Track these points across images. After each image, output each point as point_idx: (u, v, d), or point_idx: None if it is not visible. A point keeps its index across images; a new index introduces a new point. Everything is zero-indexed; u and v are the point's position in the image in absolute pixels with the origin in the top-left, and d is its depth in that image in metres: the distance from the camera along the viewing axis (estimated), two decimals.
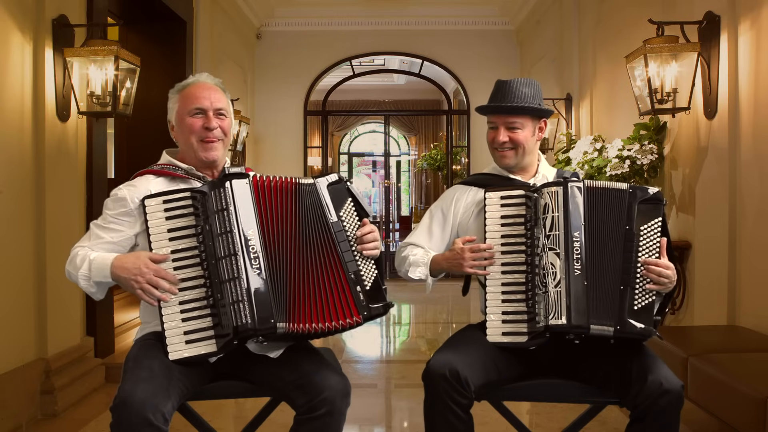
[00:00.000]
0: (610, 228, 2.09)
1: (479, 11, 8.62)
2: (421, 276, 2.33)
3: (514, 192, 2.19)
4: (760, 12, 3.36)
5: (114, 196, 2.11)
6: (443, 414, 2.02)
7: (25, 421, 3.45)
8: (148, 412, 1.75)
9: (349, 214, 2.06)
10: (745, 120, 3.48)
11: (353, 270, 2.01)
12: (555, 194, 2.09)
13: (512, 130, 2.30)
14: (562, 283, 2.04)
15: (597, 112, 5.85)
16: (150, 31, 5.75)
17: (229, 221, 1.94)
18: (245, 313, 1.90)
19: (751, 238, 3.45)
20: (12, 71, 3.43)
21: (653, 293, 2.06)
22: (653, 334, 2.03)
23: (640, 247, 2.07)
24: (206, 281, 1.95)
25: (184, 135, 2.15)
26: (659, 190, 2.12)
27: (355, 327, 2.01)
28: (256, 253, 1.95)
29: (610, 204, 2.10)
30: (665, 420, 1.97)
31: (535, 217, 2.13)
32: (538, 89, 2.34)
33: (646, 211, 2.09)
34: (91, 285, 2.01)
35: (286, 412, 2.02)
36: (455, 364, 2.02)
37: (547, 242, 2.08)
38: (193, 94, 2.15)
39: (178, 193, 2.00)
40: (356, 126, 15.61)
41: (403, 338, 6.24)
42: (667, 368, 2.03)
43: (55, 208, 3.73)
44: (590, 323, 2.02)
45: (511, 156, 2.33)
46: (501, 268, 2.17)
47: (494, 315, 2.15)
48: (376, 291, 2.03)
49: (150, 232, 1.97)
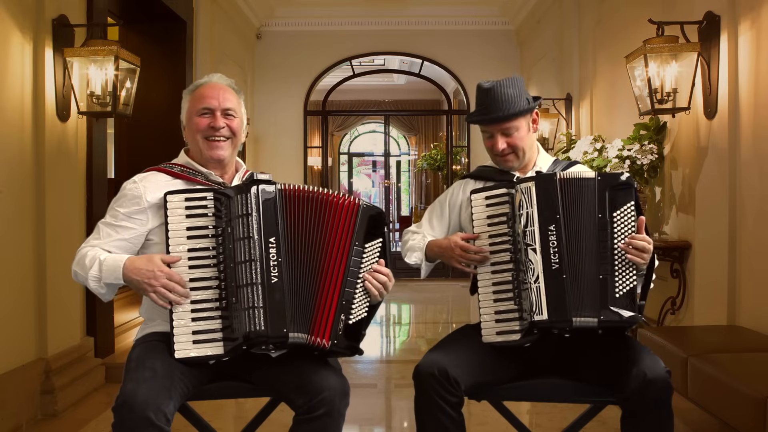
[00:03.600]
0: (584, 218, 2.07)
1: (479, 11, 8.62)
2: (416, 261, 2.36)
3: (496, 191, 2.19)
4: (760, 12, 3.36)
5: (129, 194, 2.07)
6: (433, 412, 2.03)
7: (25, 421, 3.45)
8: (150, 412, 1.74)
9: (372, 250, 2.05)
10: (745, 120, 3.48)
11: (346, 298, 1.99)
12: (528, 190, 2.09)
13: (508, 135, 2.29)
14: (540, 279, 2.04)
15: (597, 112, 5.85)
16: (150, 31, 5.75)
17: (251, 227, 1.94)
18: (258, 320, 1.90)
19: (751, 238, 3.45)
20: (12, 71, 3.43)
21: (634, 277, 2.04)
22: (639, 320, 2.03)
23: (615, 233, 2.05)
24: (221, 283, 1.95)
25: (191, 134, 2.15)
26: (629, 176, 2.11)
27: (320, 352, 1.98)
28: (276, 261, 1.95)
29: (582, 194, 2.08)
30: (656, 411, 1.96)
31: (513, 214, 2.13)
32: (520, 84, 2.30)
33: (617, 197, 2.07)
34: (101, 286, 2.00)
35: (286, 412, 2.02)
36: (443, 363, 2.03)
37: (525, 238, 2.08)
38: (203, 93, 2.14)
39: (200, 192, 1.99)
40: (356, 126, 15.60)
41: (403, 338, 6.24)
42: (653, 357, 2.02)
43: (55, 208, 3.73)
44: (572, 316, 2.01)
45: (513, 159, 2.33)
46: (491, 268, 2.17)
47: (487, 315, 2.16)
48: (355, 331, 2.00)
49: (168, 228, 1.96)
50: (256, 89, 8.61)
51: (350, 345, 2.00)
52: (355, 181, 16.26)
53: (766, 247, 3.33)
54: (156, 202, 2.05)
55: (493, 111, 2.26)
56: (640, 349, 2.06)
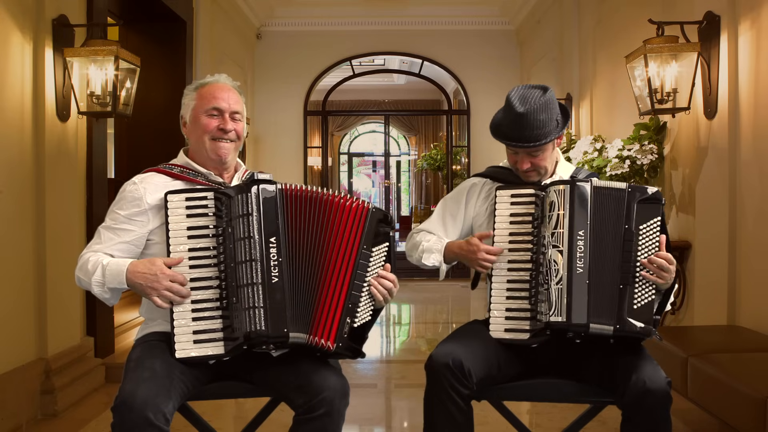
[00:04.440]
0: (611, 227, 2.09)
1: (479, 11, 8.62)
2: (435, 263, 2.32)
3: (524, 191, 2.20)
4: (760, 12, 3.36)
5: (129, 196, 2.07)
6: (443, 403, 2.04)
7: (25, 421, 3.45)
8: (149, 412, 1.74)
9: (379, 254, 2.05)
10: (745, 120, 3.48)
11: (352, 302, 1.98)
12: (562, 192, 2.09)
13: (534, 156, 2.26)
14: (563, 281, 2.04)
15: (597, 112, 5.85)
16: (150, 31, 5.75)
17: (251, 227, 1.94)
18: (259, 320, 1.91)
19: (751, 238, 3.45)
20: (12, 71, 3.43)
21: (653, 292, 2.06)
22: (653, 333, 2.04)
23: (639, 246, 2.07)
24: (221, 283, 1.95)
25: (196, 133, 2.13)
26: (658, 190, 2.13)
27: (323, 353, 1.98)
28: (277, 260, 1.95)
29: (611, 203, 2.10)
30: (653, 419, 1.97)
31: (541, 215, 2.14)
32: (552, 106, 2.23)
33: (645, 210, 2.09)
34: (105, 291, 1.99)
35: (286, 412, 2.02)
36: (458, 354, 2.04)
37: (552, 239, 2.08)
38: (212, 93, 2.13)
39: (201, 192, 1.99)
40: (356, 126, 15.60)
41: (403, 338, 6.24)
42: (655, 366, 2.02)
43: (55, 208, 3.73)
44: (590, 322, 2.03)
45: (535, 176, 2.30)
46: (507, 266, 2.18)
47: (498, 311, 2.17)
48: (359, 334, 2.01)
49: (169, 228, 1.96)
50: (256, 89, 8.61)
51: (353, 348, 2.00)
52: (355, 181, 16.26)
53: (766, 247, 3.33)
54: (156, 203, 2.05)
55: (523, 139, 2.21)
56: (644, 356, 2.06)
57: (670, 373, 2.35)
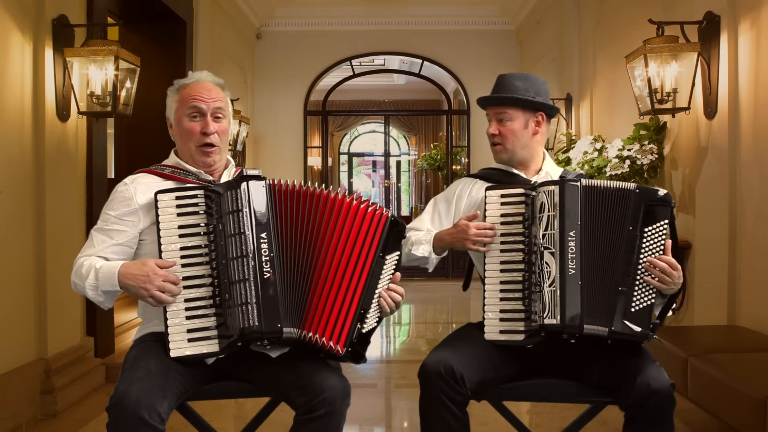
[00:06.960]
0: (611, 228, 2.07)
1: (479, 11, 8.62)
2: (424, 253, 2.31)
3: (513, 190, 2.19)
4: (760, 12, 3.36)
5: (120, 196, 2.08)
6: (438, 411, 2.02)
7: (25, 421, 3.45)
8: (144, 411, 1.74)
9: (392, 261, 2.05)
10: (745, 120, 3.48)
11: (363, 307, 1.98)
12: (551, 193, 2.08)
13: (501, 122, 2.32)
14: (556, 283, 2.03)
15: (597, 112, 5.85)
16: (150, 31, 5.74)
17: (242, 223, 1.94)
18: (252, 316, 1.90)
19: (751, 238, 3.45)
20: (12, 71, 3.43)
21: (653, 296, 2.03)
22: (650, 337, 2.01)
23: (642, 248, 2.04)
24: (214, 280, 1.95)
25: (182, 138, 2.14)
26: (667, 192, 2.08)
27: (332, 356, 1.99)
28: (269, 256, 1.95)
29: (611, 204, 2.08)
30: (656, 421, 1.96)
31: (532, 216, 2.12)
32: (535, 83, 2.33)
33: (652, 212, 2.05)
34: (99, 294, 1.99)
35: (286, 412, 2.02)
36: (450, 361, 2.02)
37: (543, 241, 2.07)
38: (191, 94, 2.13)
39: (191, 190, 1.99)
40: (356, 126, 15.58)
41: (403, 338, 6.24)
42: (658, 368, 2.01)
43: (55, 208, 3.73)
44: (584, 323, 2.01)
45: (501, 150, 2.34)
46: (500, 266, 2.17)
47: (492, 313, 2.16)
48: (365, 340, 2.02)
49: (160, 227, 1.95)
50: (256, 89, 8.61)
51: (358, 353, 2.00)
52: (355, 181, 16.25)
53: (766, 247, 3.33)
54: (147, 203, 2.04)
55: (497, 92, 2.33)
56: (647, 358, 2.05)
57: (671, 373, 2.35)
